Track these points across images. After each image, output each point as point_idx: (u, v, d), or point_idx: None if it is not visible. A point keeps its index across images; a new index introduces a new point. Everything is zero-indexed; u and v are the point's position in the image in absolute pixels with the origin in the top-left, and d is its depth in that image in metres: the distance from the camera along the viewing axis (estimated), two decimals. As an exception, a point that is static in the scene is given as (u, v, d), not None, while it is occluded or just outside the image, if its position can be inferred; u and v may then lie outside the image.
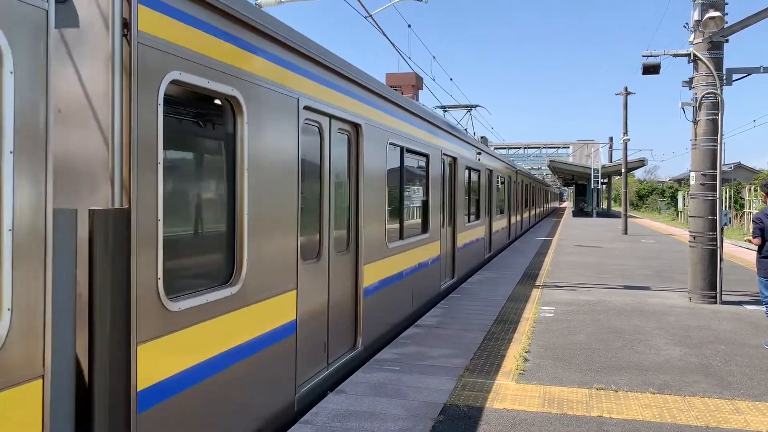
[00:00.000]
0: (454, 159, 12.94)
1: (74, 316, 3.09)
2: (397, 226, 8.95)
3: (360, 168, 7.19)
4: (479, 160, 16.29)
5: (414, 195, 10.05)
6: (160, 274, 3.68)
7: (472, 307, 10.54)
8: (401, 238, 9.03)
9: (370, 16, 12.02)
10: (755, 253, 8.65)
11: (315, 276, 6.09)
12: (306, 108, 5.72)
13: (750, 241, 8.63)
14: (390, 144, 8.34)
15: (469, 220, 14.88)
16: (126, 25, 3.38)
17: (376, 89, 7.78)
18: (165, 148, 3.76)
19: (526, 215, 32.32)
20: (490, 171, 18.46)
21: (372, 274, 7.60)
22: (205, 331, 4.16)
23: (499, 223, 20.94)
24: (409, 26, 16.33)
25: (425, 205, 10.67)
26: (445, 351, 7.67)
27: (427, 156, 10.57)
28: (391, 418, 5.38)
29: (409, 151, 9.47)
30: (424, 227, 10.57)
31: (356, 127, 7.12)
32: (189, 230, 4.29)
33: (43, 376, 2.79)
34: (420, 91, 17.93)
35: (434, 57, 19.82)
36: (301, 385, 5.65)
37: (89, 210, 3.25)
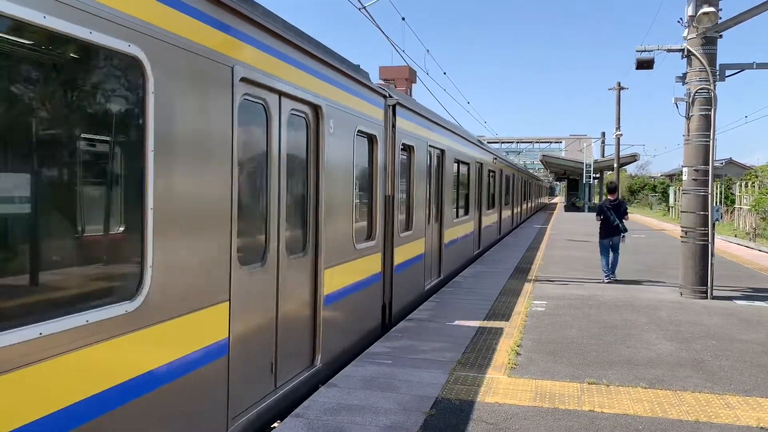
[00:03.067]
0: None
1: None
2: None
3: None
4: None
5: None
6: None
7: (464, 301, 10.54)
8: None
9: (364, 8, 11.95)
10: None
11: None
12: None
13: None
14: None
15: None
16: None
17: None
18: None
19: (517, 210, 31.31)
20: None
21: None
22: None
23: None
24: (403, 19, 16.26)
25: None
26: (437, 345, 7.66)
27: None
28: (383, 412, 5.37)
29: None
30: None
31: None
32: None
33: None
34: (414, 84, 17.86)
35: (428, 51, 19.78)
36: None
37: None
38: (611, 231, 13.06)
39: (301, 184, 6.03)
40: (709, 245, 11.20)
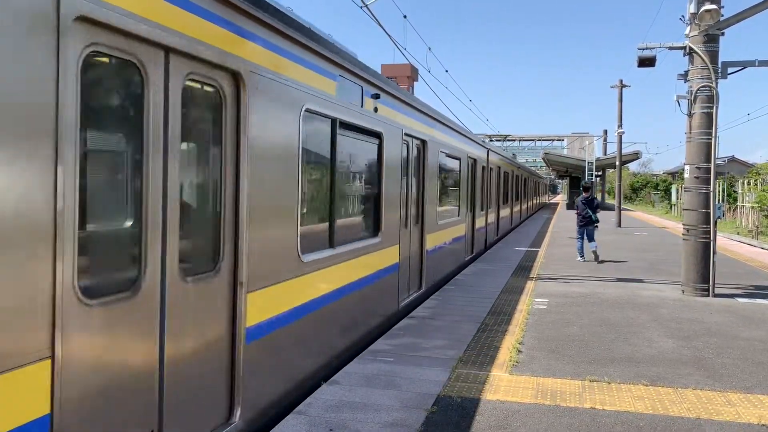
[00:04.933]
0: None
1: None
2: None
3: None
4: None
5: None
6: None
7: (465, 299, 10.55)
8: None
9: (366, 6, 11.95)
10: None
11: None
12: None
13: None
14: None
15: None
16: None
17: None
18: None
19: (517, 209, 29.34)
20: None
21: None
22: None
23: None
24: (405, 17, 16.25)
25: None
26: (438, 342, 7.68)
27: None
28: (385, 409, 5.39)
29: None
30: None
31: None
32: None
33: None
34: (416, 82, 17.82)
35: (430, 48, 19.75)
36: None
37: None
38: (585, 222, 16.24)
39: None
40: (711, 243, 11.19)
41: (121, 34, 3.43)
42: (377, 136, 8.23)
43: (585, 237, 16.33)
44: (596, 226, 16.29)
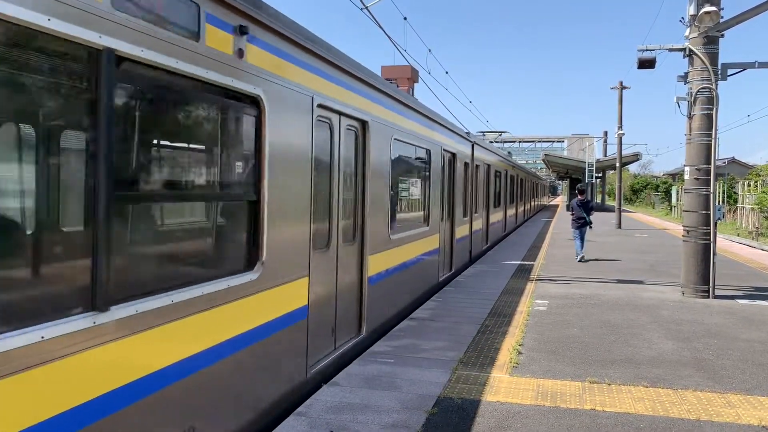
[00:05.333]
0: (363, 123, 7.55)
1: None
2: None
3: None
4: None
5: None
6: None
7: (465, 301, 10.56)
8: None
9: (366, 8, 11.97)
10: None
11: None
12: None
13: None
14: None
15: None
16: None
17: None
18: None
19: (511, 212, 26.24)
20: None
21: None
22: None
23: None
24: (405, 19, 16.27)
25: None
26: (439, 344, 7.68)
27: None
28: (386, 411, 5.39)
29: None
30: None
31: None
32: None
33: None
34: (416, 84, 17.85)
35: (430, 50, 19.77)
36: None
37: None
38: (581, 223, 17.22)
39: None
40: (711, 244, 11.20)
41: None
42: (256, 103, 5.00)
43: (582, 238, 17.18)
44: (590, 227, 17.55)
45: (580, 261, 16.59)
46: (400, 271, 9.27)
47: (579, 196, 17.72)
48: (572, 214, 17.77)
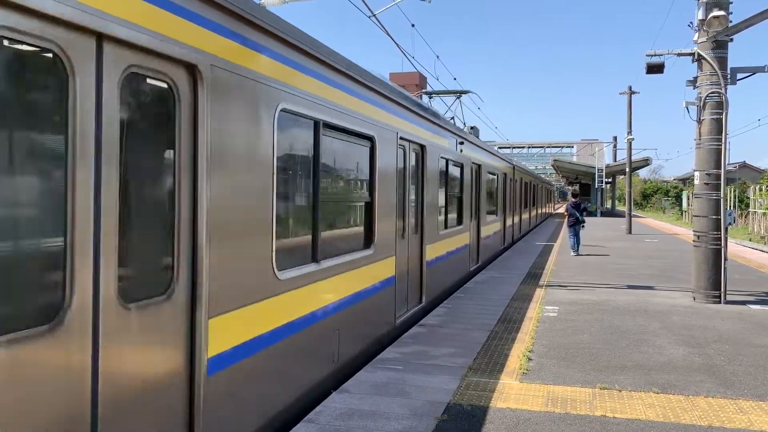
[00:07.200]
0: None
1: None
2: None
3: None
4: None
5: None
6: None
7: (475, 307, 10.55)
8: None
9: (374, 15, 12.04)
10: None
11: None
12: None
13: None
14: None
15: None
16: None
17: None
18: None
19: (510, 222, 22.81)
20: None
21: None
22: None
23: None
24: (413, 26, 16.34)
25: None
26: (448, 350, 7.67)
27: (371, 139, 6.62)
28: (395, 417, 5.39)
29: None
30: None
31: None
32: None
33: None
34: (423, 90, 17.88)
35: (438, 56, 19.83)
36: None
37: None
38: (574, 222, 19.77)
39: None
40: (722, 249, 11.14)
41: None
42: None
43: (576, 235, 19.71)
44: (582, 226, 19.97)
45: (575, 255, 19.26)
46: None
47: (573, 199, 20.73)
48: (567, 215, 20.71)
